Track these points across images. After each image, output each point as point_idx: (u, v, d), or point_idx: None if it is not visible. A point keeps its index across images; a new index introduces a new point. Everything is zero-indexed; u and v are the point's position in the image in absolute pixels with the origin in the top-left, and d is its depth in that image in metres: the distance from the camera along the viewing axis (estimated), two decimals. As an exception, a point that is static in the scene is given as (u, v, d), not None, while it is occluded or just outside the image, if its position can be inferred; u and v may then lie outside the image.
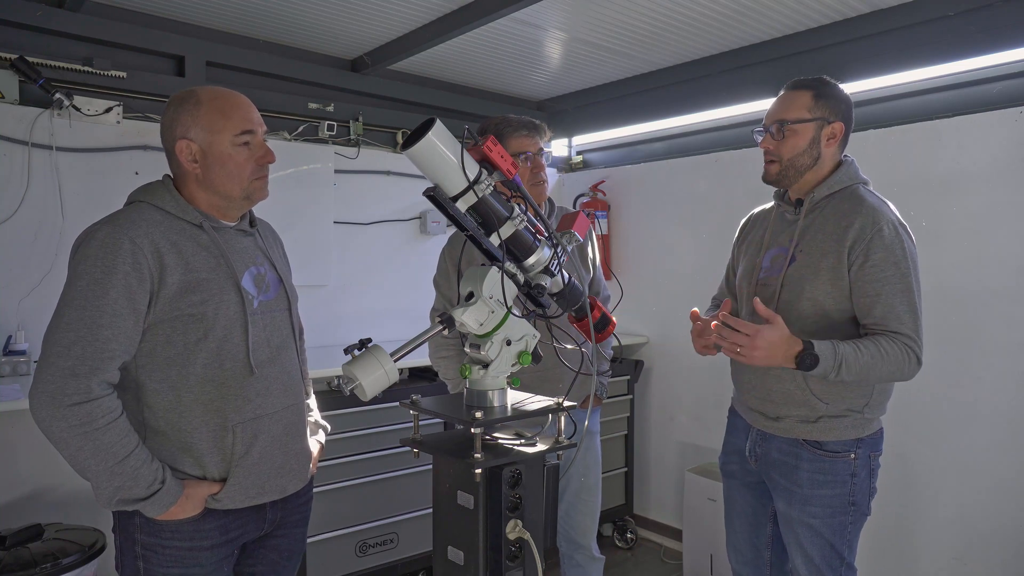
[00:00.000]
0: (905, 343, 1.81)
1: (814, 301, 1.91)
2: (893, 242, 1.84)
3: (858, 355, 1.78)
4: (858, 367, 1.78)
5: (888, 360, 1.79)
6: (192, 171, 1.58)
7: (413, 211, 4.00)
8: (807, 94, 1.96)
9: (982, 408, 2.78)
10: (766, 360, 1.78)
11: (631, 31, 3.23)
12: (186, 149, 1.57)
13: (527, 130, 2.33)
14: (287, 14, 3.10)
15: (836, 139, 1.97)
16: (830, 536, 1.95)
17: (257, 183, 1.62)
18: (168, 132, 1.59)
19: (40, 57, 2.85)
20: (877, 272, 1.83)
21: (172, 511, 1.49)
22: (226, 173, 1.58)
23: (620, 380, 3.97)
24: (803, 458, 1.96)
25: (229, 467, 1.55)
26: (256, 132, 1.61)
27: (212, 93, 1.61)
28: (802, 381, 1.93)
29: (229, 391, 1.55)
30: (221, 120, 1.57)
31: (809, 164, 1.97)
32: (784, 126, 1.96)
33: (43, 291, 2.82)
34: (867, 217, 1.86)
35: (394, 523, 3.18)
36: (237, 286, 1.57)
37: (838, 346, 1.78)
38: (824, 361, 1.76)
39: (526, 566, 1.48)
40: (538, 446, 1.50)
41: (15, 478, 2.68)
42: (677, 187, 3.97)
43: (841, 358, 1.76)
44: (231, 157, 1.58)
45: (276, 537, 1.72)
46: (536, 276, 1.54)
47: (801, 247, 1.96)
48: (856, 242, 1.85)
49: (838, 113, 1.96)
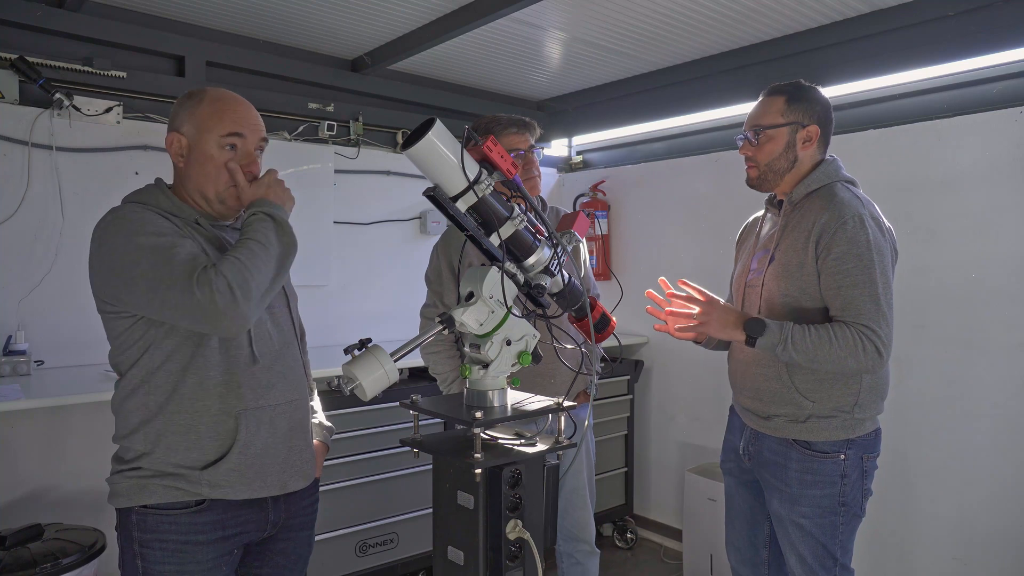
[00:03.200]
0: (861, 331, 1.83)
1: (790, 298, 1.95)
2: (856, 234, 1.86)
3: (806, 335, 1.84)
4: (804, 346, 1.83)
5: (837, 344, 1.82)
6: (178, 164, 1.61)
7: (413, 211, 4.00)
8: (780, 99, 2.01)
9: (982, 408, 2.78)
10: (720, 326, 1.92)
11: (631, 31, 3.23)
12: (176, 142, 1.59)
13: (517, 128, 2.33)
14: (287, 14, 3.10)
15: (812, 142, 2.00)
16: (821, 536, 1.96)
17: (232, 191, 1.60)
18: (169, 124, 1.62)
19: (40, 57, 2.86)
20: (839, 265, 1.87)
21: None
22: (204, 173, 1.58)
23: (620, 380, 3.97)
24: (792, 458, 1.97)
25: (229, 452, 1.54)
26: (246, 137, 1.60)
27: (217, 94, 1.62)
28: (787, 379, 1.96)
29: (233, 379, 1.55)
30: (213, 120, 1.58)
31: (787, 167, 2.01)
32: (760, 132, 2.01)
33: (43, 291, 2.82)
34: (834, 212, 1.90)
35: (394, 523, 3.18)
36: None
37: (787, 324, 1.86)
38: (770, 333, 1.84)
39: (526, 566, 1.48)
40: (538, 446, 1.50)
41: (15, 478, 2.68)
42: (677, 187, 3.97)
43: (788, 333, 1.84)
44: (211, 158, 1.58)
45: (281, 540, 1.71)
46: (536, 276, 1.54)
47: (781, 247, 2.00)
48: (821, 236, 1.90)
49: (812, 116, 2.00)
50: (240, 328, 1.44)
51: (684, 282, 2.01)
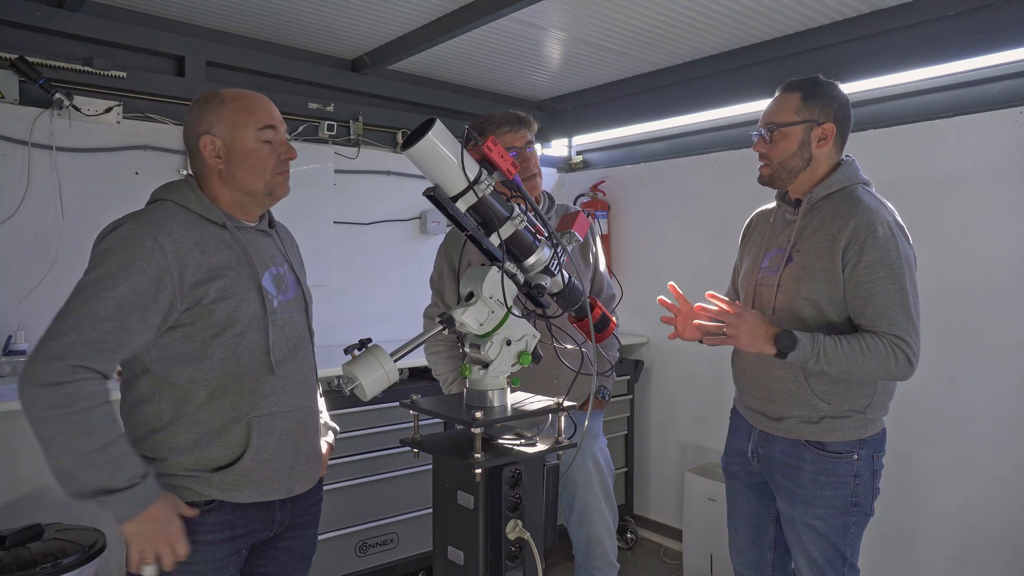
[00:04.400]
0: (893, 342, 1.81)
1: (811, 302, 1.91)
2: (887, 243, 1.83)
3: (838, 347, 1.80)
4: (838, 359, 1.79)
5: (870, 356, 1.80)
6: (215, 167, 1.60)
7: (413, 211, 4.00)
8: (795, 96, 1.96)
9: (982, 408, 2.78)
10: (750, 340, 1.84)
11: (631, 31, 3.23)
12: (210, 144, 1.59)
13: (509, 125, 2.26)
14: (287, 14, 3.10)
15: (828, 140, 1.95)
16: (833, 537, 1.95)
17: (279, 178, 1.65)
18: (192, 130, 1.61)
19: (40, 57, 2.86)
20: (870, 273, 1.83)
21: (150, 511, 1.43)
22: (248, 168, 1.60)
23: (620, 380, 3.97)
24: (805, 459, 1.95)
25: (241, 458, 1.55)
26: (277, 128, 1.64)
27: (235, 93, 1.64)
28: (804, 381, 1.93)
29: (245, 386, 1.56)
30: (244, 116, 1.60)
31: (801, 166, 1.96)
32: (773, 129, 1.96)
33: (43, 291, 2.82)
34: (862, 218, 1.86)
35: (394, 523, 3.18)
36: (258, 285, 1.58)
37: (818, 336, 1.81)
38: (802, 346, 1.79)
39: (526, 566, 1.48)
40: (538, 446, 1.50)
41: (15, 478, 2.68)
42: (677, 187, 3.97)
43: (820, 346, 1.79)
44: (254, 152, 1.60)
45: (286, 539, 1.72)
46: (536, 276, 1.54)
47: (798, 247, 1.96)
48: (850, 243, 1.85)
49: (828, 114, 1.95)
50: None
51: (713, 295, 1.94)
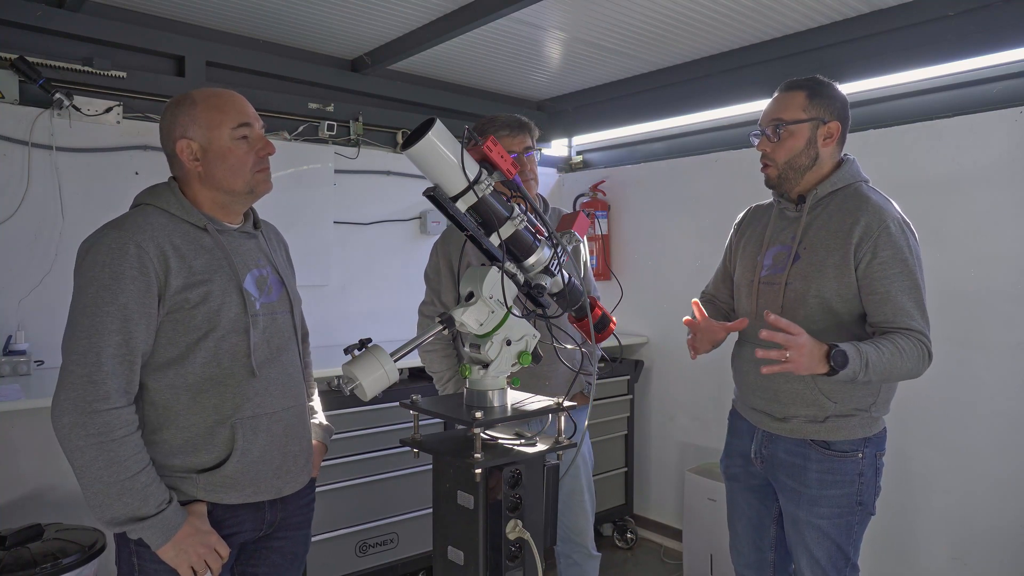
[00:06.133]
0: (918, 339, 1.80)
1: (821, 299, 1.90)
2: (900, 239, 1.84)
3: (880, 353, 1.75)
4: (881, 366, 1.74)
5: (907, 357, 1.78)
6: (194, 169, 1.59)
7: (413, 211, 4.00)
8: (801, 94, 1.96)
9: (982, 408, 2.78)
10: (808, 365, 1.70)
11: (631, 31, 3.23)
12: (187, 148, 1.58)
13: (509, 129, 2.29)
14: (287, 14, 3.10)
15: (833, 138, 1.96)
16: (837, 537, 1.95)
17: (259, 175, 1.64)
18: (167, 135, 1.61)
19: (40, 57, 2.85)
20: (885, 269, 1.83)
21: (182, 532, 1.48)
22: (227, 168, 1.59)
23: (620, 380, 3.97)
24: (811, 459, 1.95)
25: (227, 460, 1.56)
26: (253, 125, 1.63)
27: (206, 92, 1.62)
28: (810, 379, 1.91)
29: (228, 390, 1.56)
30: (217, 115, 1.59)
31: (808, 164, 1.96)
32: (780, 127, 1.95)
33: (43, 291, 2.82)
34: (873, 215, 1.85)
35: (394, 523, 3.18)
36: (239, 288, 1.59)
37: (859, 346, 1.74)
38: (852, 361, 1.71)
39: (526, 566, 1.48)
40: (538, 446, 1.50)
41: (15, 478, 2.68)
42: (677, 187, 3.97)
43: (866, 357, 1.72)
44: (231, 151, 1.59)
45: (278, 539, 1.72)
46: (536, 276, 1.54)
47: (805, 244, 1.95)
48: (863, 240, 1.84)
49: (833, 112, 1.95)
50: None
51: (772, 317, 1.72)
